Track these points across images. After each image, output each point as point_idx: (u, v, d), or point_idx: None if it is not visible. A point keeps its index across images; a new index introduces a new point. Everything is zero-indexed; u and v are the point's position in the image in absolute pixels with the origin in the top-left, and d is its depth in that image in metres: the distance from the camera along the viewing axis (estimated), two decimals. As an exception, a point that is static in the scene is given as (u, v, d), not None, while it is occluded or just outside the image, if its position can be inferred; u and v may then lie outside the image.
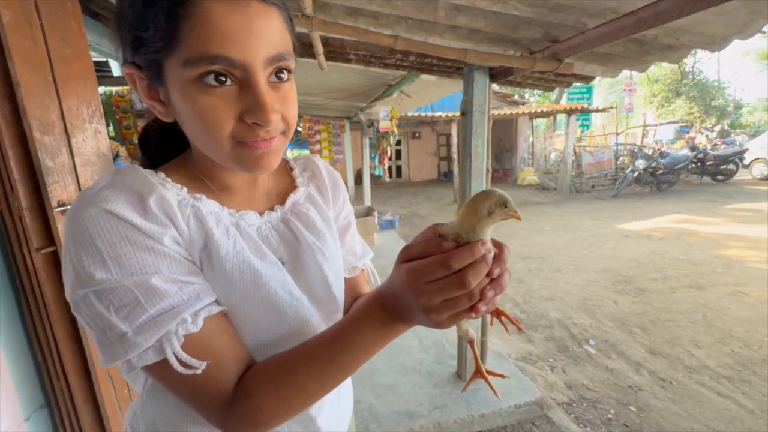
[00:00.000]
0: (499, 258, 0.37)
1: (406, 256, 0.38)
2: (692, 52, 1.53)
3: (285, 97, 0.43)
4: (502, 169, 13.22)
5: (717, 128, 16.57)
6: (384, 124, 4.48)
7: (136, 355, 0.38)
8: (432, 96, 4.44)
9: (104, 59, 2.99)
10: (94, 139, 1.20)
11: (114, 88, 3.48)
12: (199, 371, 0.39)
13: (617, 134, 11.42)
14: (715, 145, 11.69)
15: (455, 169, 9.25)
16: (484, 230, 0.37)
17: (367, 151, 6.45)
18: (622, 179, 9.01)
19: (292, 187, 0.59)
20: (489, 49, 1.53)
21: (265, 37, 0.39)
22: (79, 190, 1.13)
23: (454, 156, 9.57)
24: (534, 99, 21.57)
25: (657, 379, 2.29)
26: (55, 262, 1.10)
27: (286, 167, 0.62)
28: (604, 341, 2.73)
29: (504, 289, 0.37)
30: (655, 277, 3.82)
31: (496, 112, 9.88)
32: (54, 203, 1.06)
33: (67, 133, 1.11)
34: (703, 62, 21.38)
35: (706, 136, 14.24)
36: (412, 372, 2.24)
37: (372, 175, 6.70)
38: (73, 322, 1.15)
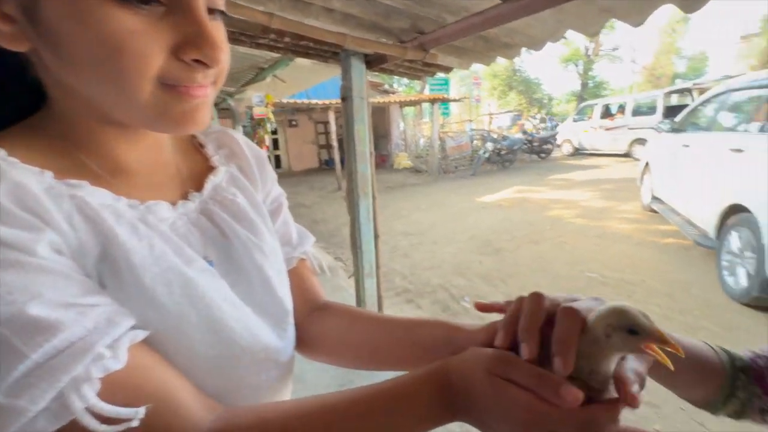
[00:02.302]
0: None
1: (502, 372, 0.29)
2: (522, 51, 1.88)
3: (223, 37, 0.34)
4: (380, 155, 13.94)
5: (539, 116, 20.82)
6: (259, 111, 4.21)
7: (20, 429, 0.25)
8: (307, 82, 4.35)
9: None
10: None
11: None
12: (134, 423, 0.27)
13: (470, 121, 13.27)
14: (539, 129, 14.70)
15: (336, 157, 9.33)
16: (608, 364, 0.29)
17: (241, 140, 5.96)
18: (477, 160, 10.57)
19: (208, 167, 0.46)
20: (363, 35, 1.59)
21: None
22: None
23: (334, 144, 9.62)
24: (402, 89, 23.23)
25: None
26: None
27: (193, 142, 0.48)
28: (476, 296, 3.23)
29: None
30: (506, 239, 4.66)
31: (371, 101, 10.28)
32: None
33: None
34: (526, 62, 26.37)
35: (532, 122, 17.75)
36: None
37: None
38: None
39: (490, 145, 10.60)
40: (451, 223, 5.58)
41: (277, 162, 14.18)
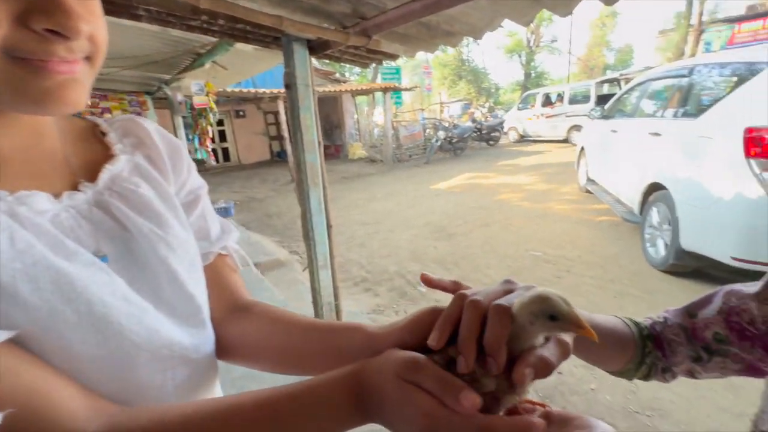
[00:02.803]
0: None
1: (411, 377, 0.29)
2: (463, 39, 1.93)
3: (91, 8, 0.31)
4: (334, 146, 13.74)
5: (487, 105, 21.62)
6: (199, 100, 3.93)
7: None
8: (251, 69, 4.13)
9: None
10: None
11: None
12: None
13: (422, 110, 13.46)
14: (487, 118, 15.29)
15: (289, 148, 9.05)
16: (529, 341, 0.30)
17: (182, 132, 5.55)
18: (430, 148, 10.80)
19: (107, 156, 0.43)
20: (303, 19, 1.54)
21: None
22: None
23: (286, 135, 9.32)
24: (354, 78, 22.94)
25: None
26: None
27: (94, 131, 0.45)
28: (431, 280, 3.33)
29: None
30: (459, 223, 4.84)
31: (320, 89, 10.05)
32: None
33: None
34: (473, 53, 27.18)
35: (481, 111, 18.41)
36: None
37: (194, 161, 5.83)
38: None
39: (441, 134, 10.86)
40: (406, 211, 5.67)
41: (225, 155, 13.46)
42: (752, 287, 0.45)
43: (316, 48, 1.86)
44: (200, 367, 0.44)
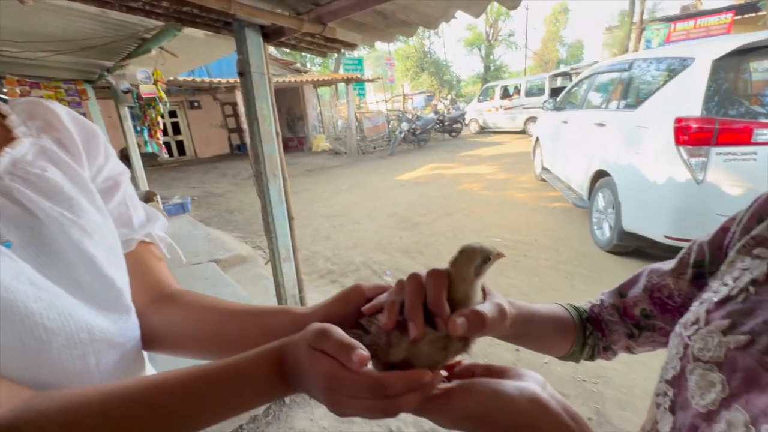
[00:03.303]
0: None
1: (320, 345, 0.31)
2: (419, 29, 1.95)
3: None
4: (297, 138, 13.42)
5: (449, 97, 21.99)
6: (147, 89, 3.69)
7: None
8: (204, 57, 3.93)
9: None
10: None
11: None
12: None
13: (386, 102, 13.46)
14: (449, 110, 15.57)
15: (249, 141, 8.74)
16: (476, 292, 0.34)
17: (129, 123, 5.18)
18: (394, 140, 10.84)
19: (8, 140, 0.41)
20: (255, 3, 1.49)
21: None
22: None
23: (245, 127, 8.98)
24: (316, 69, 22.42)
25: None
26: None
27: None
28: (396, 269, 3.38)
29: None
30: (423, 213, 4.93)
31: (280, 79, 9.74)
32: None
33: None
34: (435, 45, 27.42)
35: (443, 103, 18.70)
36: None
37: (144, 155, 5.50)
38: None
39: (405, 125, 10.93)
40: (371, 202, 5.69)
41: (180, 148, 12.75)
42: (669, 264, 0.48)
43: (271, 35, 1.81)
44: (128, 352, 0.44)
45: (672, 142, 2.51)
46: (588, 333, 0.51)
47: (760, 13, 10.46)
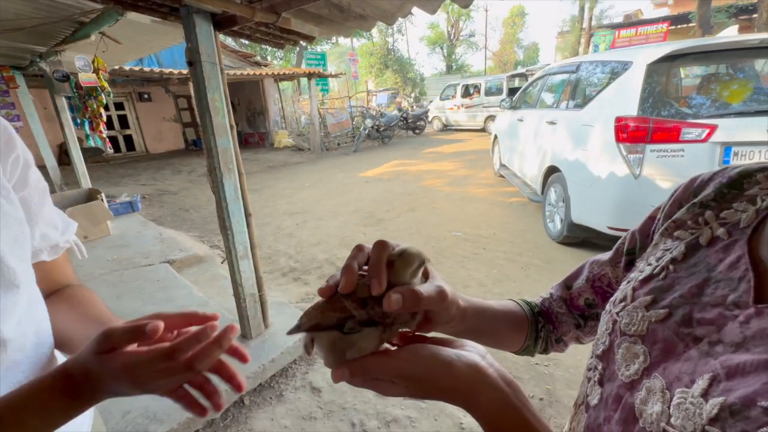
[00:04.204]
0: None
1: (107, 346, 0.34)
2: (376, 24, 1.95)
3: None
4: (258, 134, 12.98)
5: (413, 95, 22.22)
6: (86, 78, 3.40)
7: None
8: (152, 45, 3.69)
9: None
10: None
11: None
12: None
13: (350, 98, 13.36)
14: (413, 107, 15.74)
15: (202, 134, 8.33)
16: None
17: (67, 115, 4.74)
18: (358, 136, 10.80)
19: None
20: (204, -11, 1.42)
21: None
22: None
23: (200, 121, 8.53)
24: (277, 63, 21.76)
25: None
26: None
27: None
28: (360, 265, 3.38)
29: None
30: (387, 209, 4.96)
31: (239, 72, 9.35)
32: None
33: None
34: (399, 42, 27.57)
35: (407, 100, 18.88)
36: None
37: (86, 149, 5.06)
38: None
39: (369, 122, 10.92)
40: (335, 199, 5.64)
41: (129, 143, 11.89)
42: (608, 254, 0.50)
43: (223, 23, 1.74)
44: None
45: (613, 140, 2.71)
46: (540, 326, 0.53)
47: (690, 24, 11.52)
